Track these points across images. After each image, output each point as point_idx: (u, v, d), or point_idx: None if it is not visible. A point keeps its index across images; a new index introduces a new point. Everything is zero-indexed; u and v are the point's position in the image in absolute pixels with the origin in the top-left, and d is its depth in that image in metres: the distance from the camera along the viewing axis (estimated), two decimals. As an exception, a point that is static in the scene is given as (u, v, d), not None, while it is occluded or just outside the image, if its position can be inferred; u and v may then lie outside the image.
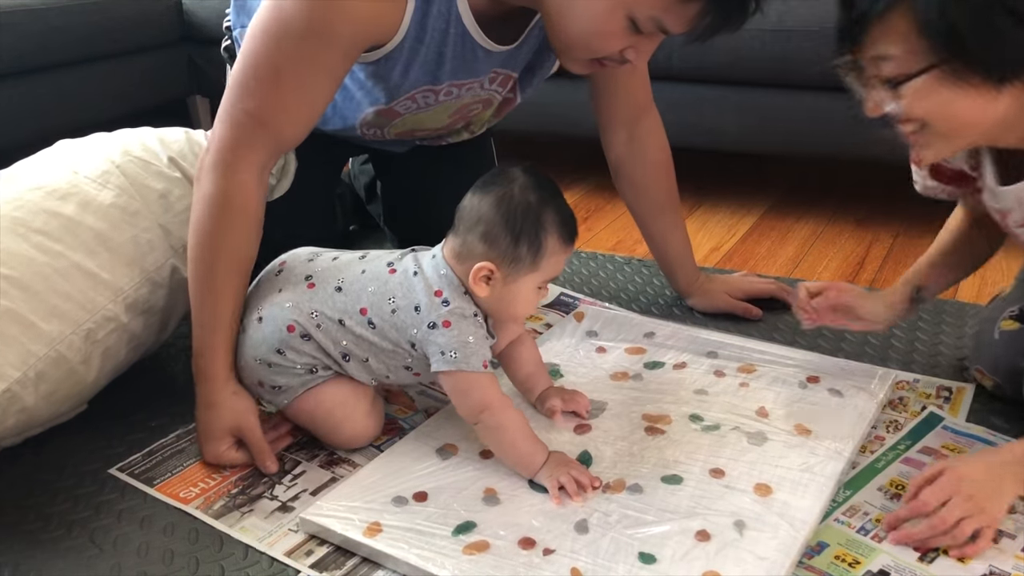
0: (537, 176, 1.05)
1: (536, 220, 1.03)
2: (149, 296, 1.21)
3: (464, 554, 0.94)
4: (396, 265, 1.10)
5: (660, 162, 1.46)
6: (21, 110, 2.16)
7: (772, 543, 0.94)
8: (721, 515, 0.99)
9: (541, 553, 0.95)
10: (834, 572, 0.92)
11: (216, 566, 0.97)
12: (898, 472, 1.07)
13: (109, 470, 1.13)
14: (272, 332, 1.09)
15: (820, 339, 1.40)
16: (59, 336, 1.11)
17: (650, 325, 1.42)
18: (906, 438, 1.14)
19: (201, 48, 2.53)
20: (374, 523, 0.99)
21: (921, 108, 0.90)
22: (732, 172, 2.31)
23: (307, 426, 1.15)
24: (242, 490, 1.08)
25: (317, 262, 1.14)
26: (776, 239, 1.90)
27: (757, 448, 1.10)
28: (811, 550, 0.96)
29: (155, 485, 1.10)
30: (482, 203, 1.04)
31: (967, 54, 0.84)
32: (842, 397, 1.20)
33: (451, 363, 1.03)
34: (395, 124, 1.31)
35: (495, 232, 1.03)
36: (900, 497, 1.02)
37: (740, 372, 1.28)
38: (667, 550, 0.94)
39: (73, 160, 1.27)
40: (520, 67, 1.31)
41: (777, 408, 1.18)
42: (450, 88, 1.24)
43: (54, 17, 2.18)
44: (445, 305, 1.04)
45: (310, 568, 0.96)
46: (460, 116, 1.36)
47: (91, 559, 0.98)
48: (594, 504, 1.02)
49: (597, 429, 1.16)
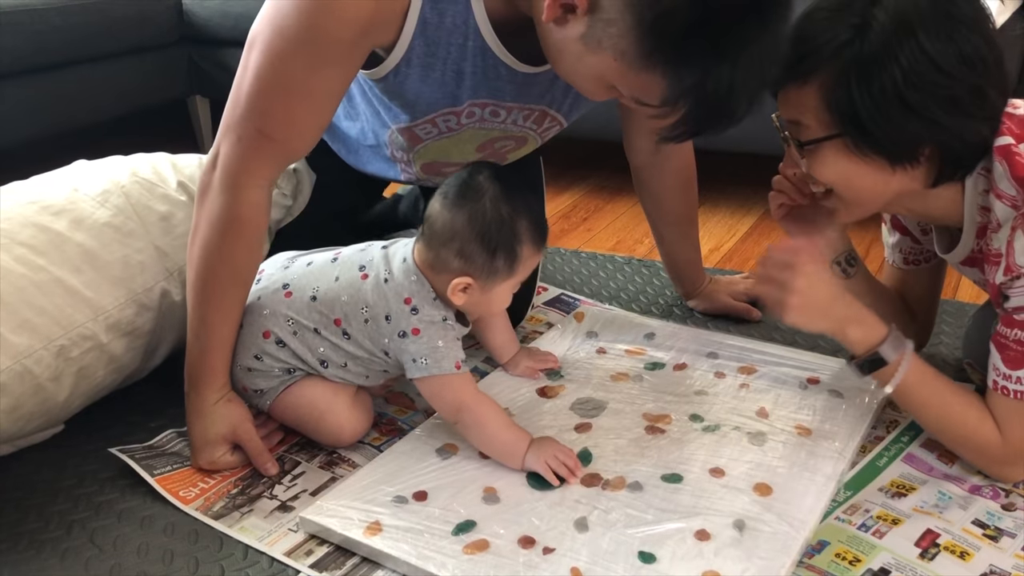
0: (505, 181, 1.06)
1: (511, 232, 1.04)
2: (134, 318, 1.19)
3: (464, 553, 0.94)
4: (368, 269, 1.11)
5: (681, 174, 1.44)
6: (21, 110, 2.16)
7: (772, 543, 0.94)
8: (721, 515, 0.99)
9: (541, 552, 0.95)
10: (835, 571, 0.92)
11: (216, 566, 0.97)
12: (899, 472, 1.08)
13: (109, 471, 1.12)
14: (249, 338, 1.12)
15: (820, 339, 1.40)
16: (27, 350, 1.07)
17: (650, 326, 1.42)
18: (907, 429, 1.15)
19: (201, 48, 2.53)
20: (374, 523, 0.99)
21: (825, 173, 1.00)
22: (732, 172, 2.31)
23: (294, 424, 1.16)
24: (242, 490, 1.08)
25: (293, 268, 1.15)
26: (776, 239, 1.89)
27: (757, 448, 1.10)
28: (812, 548, 0.96)
29: (156, 475, 1.09)
30: (455, 219, 1.04)
31: (865, 133, 0.94)
32: (842, 398, 1.20)
33: (423, 369, 1.07)
34: (419, 152, 1.24)
35: (471, 249, 1.04)
36: (901, 496, 1.03)
37: (741, 373, 1.28)
38: (667, 549, 0.94)
39: (78, 178, 1.26)
40: (565, 103, 1.20)
41: (778, 409, 1.18)
42: (472, 109, 1.14)
43: (54, 17, 2.18)
44: (414, 313, 1.07)
45: (310, 568, 0.96)
46: (490, 153, 1.27)
47: (91, 559, 0.98)
48: (594, 502, 1.02)
49: (597, 427, 1.16)
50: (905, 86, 0.90)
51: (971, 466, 1.07)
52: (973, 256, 1.06)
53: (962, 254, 1.07)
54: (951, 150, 0.95)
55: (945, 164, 0.96)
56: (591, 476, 1.06)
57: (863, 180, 0.98)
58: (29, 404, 1.09)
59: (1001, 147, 0.96)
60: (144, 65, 2.47)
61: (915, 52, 0.89)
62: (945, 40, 0.89)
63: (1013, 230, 0.94)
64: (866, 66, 0.91)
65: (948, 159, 0.96)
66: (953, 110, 0.91)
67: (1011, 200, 0.95)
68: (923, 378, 1.04)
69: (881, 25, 0.90)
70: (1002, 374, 0.98)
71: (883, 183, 0.98)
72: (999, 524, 0.98)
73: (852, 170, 0.98)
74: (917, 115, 0.91)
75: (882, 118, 0.92)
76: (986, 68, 0.91)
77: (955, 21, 0.90)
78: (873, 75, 0.90)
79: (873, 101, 0.91)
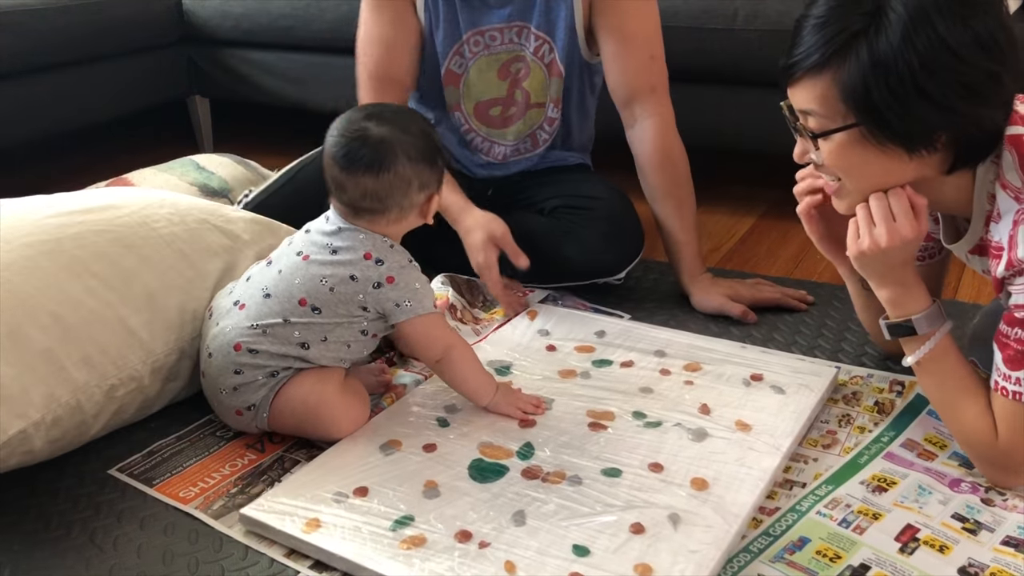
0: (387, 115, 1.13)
1: (430, 142, 1.14)
2: (176, 364, 1.21)
3: (400, 548, 0.95)
4: (305, 251, 1.14)
5: (657, 153, 1.52)
6: (21, 110, 2.17)
7: (705, 536, 0.95)
8: (656, 508, 1.00)
9: (477, 546, 0.95)
10: (816, 567, 0.93)
11: (216, 566, 0.97)
12: (881, 468, 1.08)
13: (109, 470, 1.13)
14: (223, 359, 1.13)
15: (816, 346, 1.40)
16: (84, 386, 1.10)
17: (601, 324, 1.44)
18: (890, 428, 1.15)
19: (201, 48, 2.53)
20: (312, 519, 0.99)
21: (837, 163, 0.99)
22: (732, 172, 2.31)
23: (295, 430, 1.16)
24: (242, 490, 1.08)
25: (236, 290, 1.19)
26: (776, 239, 1.90)
27: (697, 444, 1.12)
28: (793, 545, 0.96)
29: (155, 485, 1.10)
30: (400, 171, 1.10)
31: (882, 122, 0.92)
32: (784, 394, 1.22)
33: (408, 312, 1.12)
34: (464, 94, 1.59)
35: (425, 177, 1.12)
36: (882, 491, 1.04)
37: (685, 370, 1.29)
38: (601, 542, 0.95)
39: (149, 208, 1.28)
40: (533, 15, 1.51)
41: (719, 406, 1.20)
42: (475, 38, 1.53)
43: (54, 17, 2.18)
44: (380, 264, 1.11)
45: (309, 568, 0.96)
46: (511, 80, 1.57)
47: (91, 559, 0.98)
48: (533, 494, 1.03)
49: (541, 424, 1.17)
50: (922, 74, 0.88)
51: (952, 461, 1.07)
52: (982, 244, 1.05)
53: (971, 242, 1.06)
54: (968, 137, 0.94)
55: (961, 151, 0.95)
56: (532, 469, 1.08)
57: (879, 169, 0.97)
58: (69, 436, 1.11)
59: (1012, 136, 0.95)
60: (144, 65, 2.47)
61: (931, 38, 0.87)
62: (961, 25, 0.87)
63: (1015, 224, 0.94)
64: (881, 55, 0.89)
65: (964, 146, 0.95)
66: (970, 97, 0.89)
67: (1015, 191, 0.94)
68: (943, 362, 1.04)
69: (895, 12, 0.88)
70: (1002, 374, 0.98)
71: (899, 171, 0.97)
72: (978, 518, 0.99)
73: (868, 159, 0.96)
74: (935, 103, 0.89)
75: (899, 107, 0.90)
76: (1001, 53, 0.89)
77: (969, 5, 0.88)
78: (889, 64, 0.89)
79: (890, 91, 0.90)
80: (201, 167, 1.83)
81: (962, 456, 1.08)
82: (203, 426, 1.21)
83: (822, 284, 1.62)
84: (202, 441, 1.18)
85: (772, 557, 0.94)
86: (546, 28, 1.53)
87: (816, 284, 1.62)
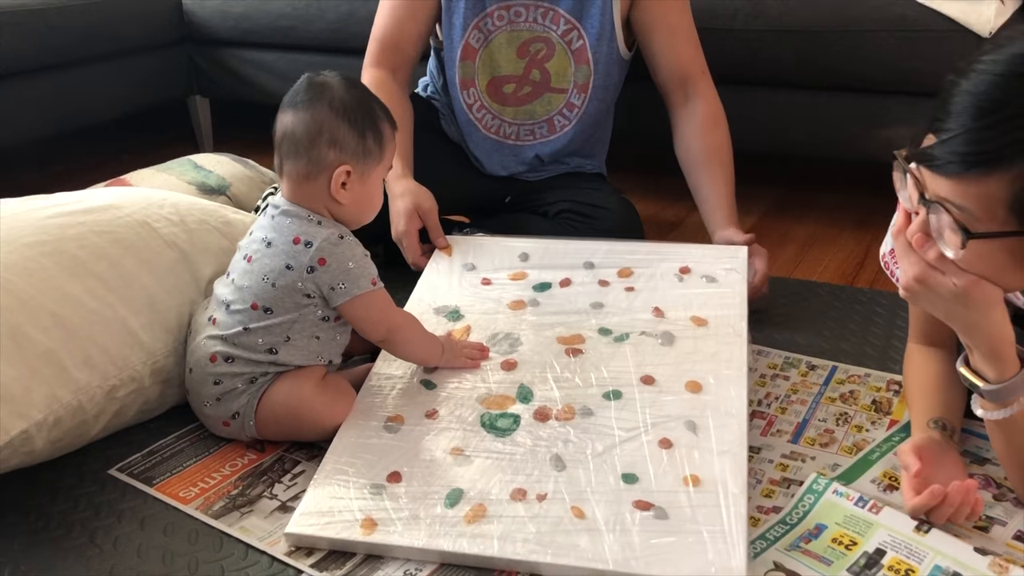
0: (343, 74, 1.14)
1: (369, 111, 1.12)
2: (174, 366, 1.21)
3: (468, 526, 0.94)
4: (247, 252, 1.15)
5: (709, 117, 1.58)
6: (21, 110, 2.17)
7: (724, 435, 1.02)
8: (671, 419, 1.05)
9: (537, 500, 0.96)
10: (831, 556, 0.93)
11: (216, 566, 0.97)
12: (891, 464, 1.08)
13: (109, 470, 1.13)
14: (201, 372, 1.14)
15: (812, 348, 1.40)
16: (85, 387, 1.10)
17: (521, 247, 1.43)
18: (900, 431, 1.15)
19: (201, 48, 2.53)
20: (365, 519, 0.97)
21: (975, 263, 0.86)
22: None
23: (281, 434, 1.15)
24: (242, 490, 1.09)
25: (211, 305, 1.19)
26: (776, 239, 1.90)
27: (670, 349, 1.18)
28: (809, 533, 0.96)
29: (155, 485, 1.10)
30: (316, 113, 1.09)
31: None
32: (716, 282, 1.30)
33: (343, 294, 1.10)
34: (479, 69, 1.61)
35: (341, 134, 1.09)
36: (894, 489, 1.03)
37: (620, 277, 1.34)
38: (641, 466, 0.99)
39: (150, 208, 1.29)
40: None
41: (669, 307, 1.26)
42: (500, 11, 1.56)
43: (54, 17, 2.18)
44: (309, 247, 1.10)
45: (310, 568, 0.96)
46: (529, 59, 1.60)
47: (91, 559, 0.98)
48: (556, 435, 1.05)
49: (523, 363, 1.18)
50: None
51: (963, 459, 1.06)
52: None
53: None
54: None
55: None
56: (541, 411, 1.09)
57: (1014, 277, 0.87)
58: (70, 436, 1.11)
59: None
60: (144, 65, 2.47)
61: None
62: None
63: None
64: None
65: None
66: None
67: None
68: None
69: None
70: None
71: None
72: (989, 513, 0.99)
73: (1010, 266, 0.85)
74: None
75: None
76: None
77: None
78: None
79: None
80: (199, 166, 1.83)
81: (973, 453, 1.08)
82: (203, 426, 1.21)
83: (822, 284, 1.62)
84: (202, 441, 1.18)
85: (788, 545, 0.95)
86: (577, 15, 1.57)
87: (816, 284, 1.62)
